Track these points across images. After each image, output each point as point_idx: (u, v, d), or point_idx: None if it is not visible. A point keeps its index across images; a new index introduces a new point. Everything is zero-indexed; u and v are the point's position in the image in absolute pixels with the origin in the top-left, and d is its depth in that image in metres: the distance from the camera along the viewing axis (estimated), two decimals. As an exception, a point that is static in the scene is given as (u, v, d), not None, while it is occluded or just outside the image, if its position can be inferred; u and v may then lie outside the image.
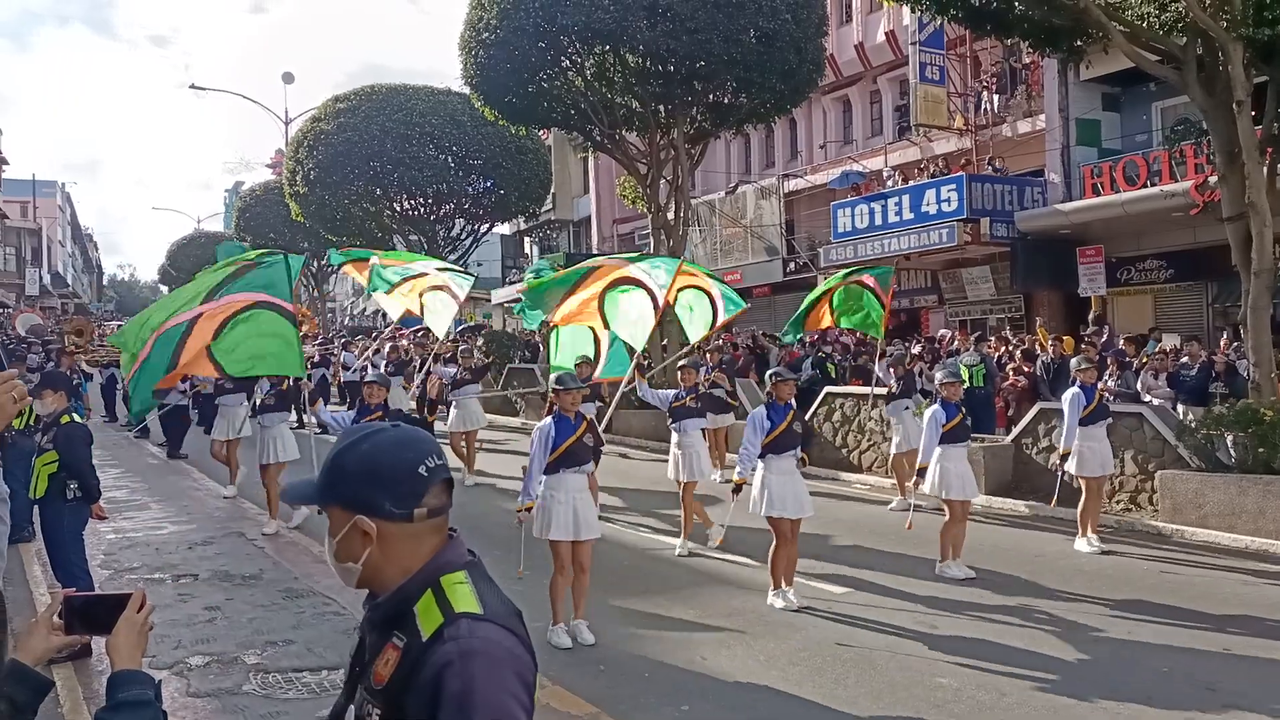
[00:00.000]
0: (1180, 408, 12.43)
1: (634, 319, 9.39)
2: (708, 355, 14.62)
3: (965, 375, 14.02)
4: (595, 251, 34.52)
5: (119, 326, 43.96)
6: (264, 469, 11.15)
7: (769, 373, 8.49)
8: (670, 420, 10.34)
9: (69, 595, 2.00)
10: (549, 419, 6.96)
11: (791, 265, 25.90)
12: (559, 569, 6.85)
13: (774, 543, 7.75)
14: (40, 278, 59.13)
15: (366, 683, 1.77)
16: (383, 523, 1.77)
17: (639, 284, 9.39)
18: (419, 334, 31.44)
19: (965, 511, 8.83)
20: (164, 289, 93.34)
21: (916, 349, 16.53)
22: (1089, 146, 19.81)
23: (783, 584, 7.74)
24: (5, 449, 7.91)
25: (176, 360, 7.72)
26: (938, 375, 9.56)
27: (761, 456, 7.77)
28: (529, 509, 6.92)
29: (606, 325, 9.56)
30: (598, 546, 7.28)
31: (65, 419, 6.90)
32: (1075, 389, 9.74)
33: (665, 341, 19.88)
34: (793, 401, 8.03)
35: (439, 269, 13.11)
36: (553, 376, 7.48)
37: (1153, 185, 17.06)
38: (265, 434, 11.28)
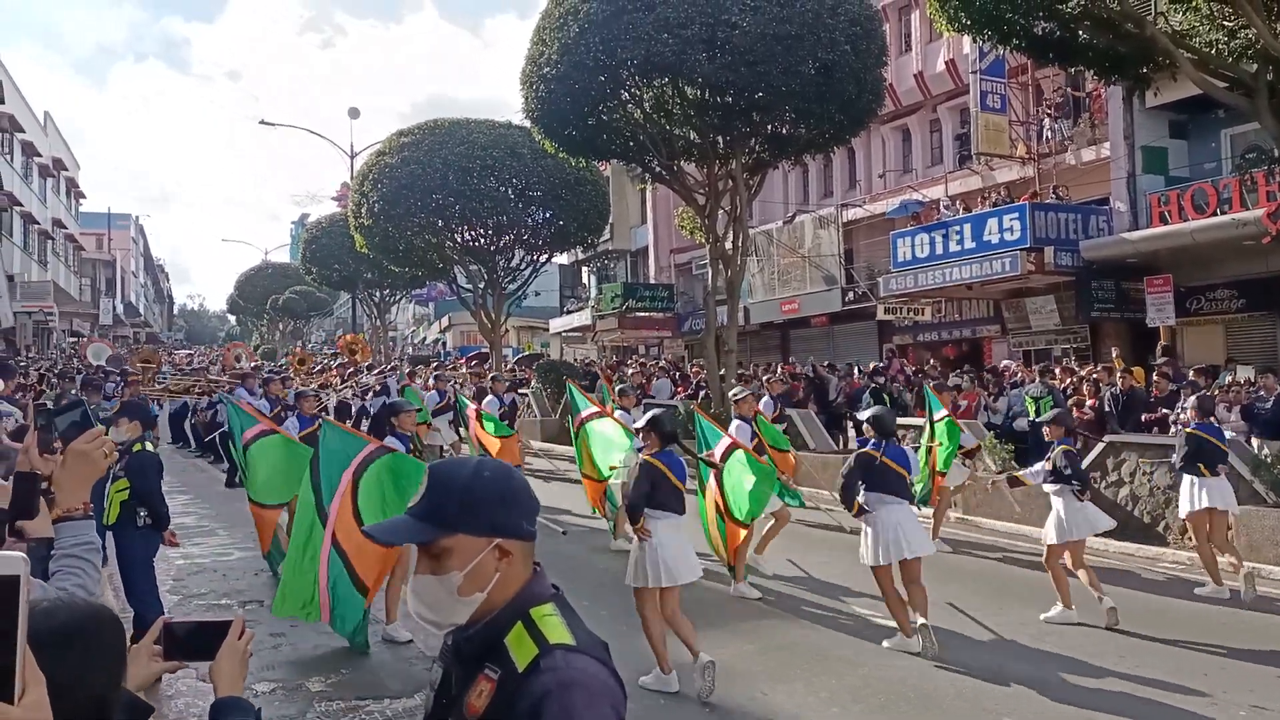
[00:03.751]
0: (1255, 441, 12.08)
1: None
2: (768, 385, 14.51)
3: (1031, 407, 13.79)
4: (654, 282, 34.67)
5: (188, 355, 44.85)
6: None
7: (864, 418, 8.15)
8: None
9: (169, 622, 2.05)
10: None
11: (850, 295, 25.74)
12: (650, 618, 6.65)
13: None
14: (114, 308, 60.88)
15: (459, 715, 1.79)
16: (517, 543, 1.85)
17: None
18: (473, 362, 31.86)
19: (1075, 551, 8.33)
20: (232, 319, 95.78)
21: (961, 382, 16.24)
22: (1156, 174, 19.46)
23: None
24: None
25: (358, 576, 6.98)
26: (1046, 416, 9.26)
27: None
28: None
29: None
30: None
31: (138, 447, 7.07)
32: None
33: (723, 371, 19.86)
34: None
35: None
36: (645, 416, 7.39)
37: (1223, 213, 16.70)
38: None
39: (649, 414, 7.28)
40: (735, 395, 10.83)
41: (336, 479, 7.16)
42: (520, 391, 24.20)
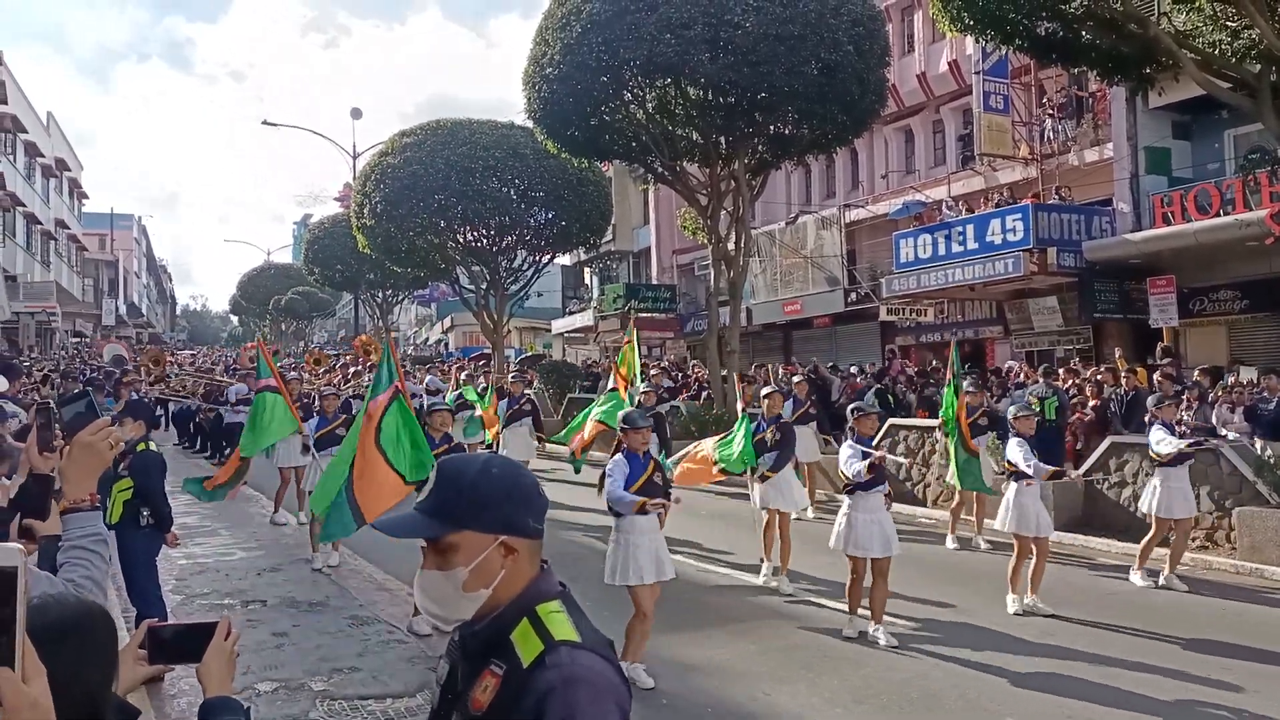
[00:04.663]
0: (1258, 443, 12.05)
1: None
2: (795, 386, 14.42)
3: (1036, 408, 13.73)
4: (656, 283, 34.65)
5: (191, 356, 44.96)
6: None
7: (850, 408, 8.27)
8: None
9: (154, 627, 2.04)
10: (619, 455, 6.77)
11: (853, 296, 25.71)
12: (640, 615, 6.60)
13: (850, 578, 7.73)
14: (117, 308, 60.95)
15: (463, 710, 1.79)
16: (524, 540, 1.84)
17: None
18: (480, 362, 31.86)
19: (1044, 549, 8.59)
20: (234, 319, 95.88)
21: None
22: (1159, 175, 19.42)
23: (859, 614, 7.75)
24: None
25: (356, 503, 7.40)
26: (1011, 410, 9.30)
27: (850, 493, 7.70)
28: (651, 503, 6.58)
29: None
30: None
31: (141, 446, 7.07)
32: (1158, 426, 9.49)
33: (725, 372, 19.85)
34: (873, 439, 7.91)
35: None
36: (620, 414, 7.33)
37: (1226, 214, 16.67)
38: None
39: (623, 412, 7.28)
40: (764, 393, 10.67)
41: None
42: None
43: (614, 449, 6.93)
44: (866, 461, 7.59)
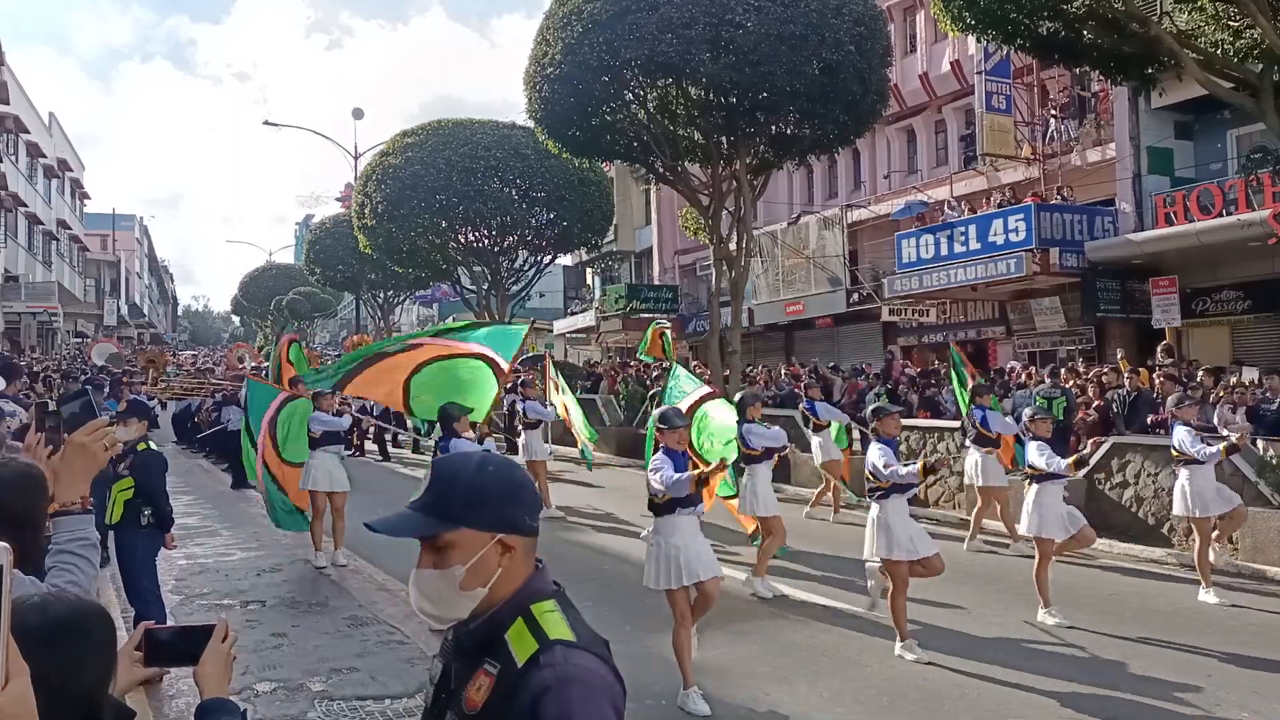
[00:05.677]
0: (1260, 443, 12.01)
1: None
2: (809, 392, 14.42)
3: (1044, 408, 13.68)
4: (658, 283, 34.66)
5: (192, 356, 44.82)
6: (329, 496, 11.03)
7: (872, 408, 8.04)
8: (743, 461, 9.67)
9: (150, 629, 2.02)
10: (660, 453, 6.62)
11: (855, 296, 25.69)
12: (681, 621, 6.41)
13: (892, 588, 7.30)
14: (118, 308, 60.94)
15: (458, 709, 1.78)
16: (520, 538, 1.84)
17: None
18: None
19: (1051, 551, 8.36)
20: (236, 319, 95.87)
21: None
22: (1161, 175, 19.40)
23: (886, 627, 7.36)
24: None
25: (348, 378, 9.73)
26: (1025, 412, 9.17)
27: (884, 497, 7.30)
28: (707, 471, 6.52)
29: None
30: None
31: (143, 446, 7.07)
32: (1183, 428, 9.32)
33: (728, 373, 19.83)
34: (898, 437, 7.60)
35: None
36: (655, 414, 7.23)
37: (1228, 214, 16.65)
38: (325, 462, 11.15)
39: (659, 412, 7.18)
40: (741, 397, 10.47)
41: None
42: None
43: (654, 448, 6.83)
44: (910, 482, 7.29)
